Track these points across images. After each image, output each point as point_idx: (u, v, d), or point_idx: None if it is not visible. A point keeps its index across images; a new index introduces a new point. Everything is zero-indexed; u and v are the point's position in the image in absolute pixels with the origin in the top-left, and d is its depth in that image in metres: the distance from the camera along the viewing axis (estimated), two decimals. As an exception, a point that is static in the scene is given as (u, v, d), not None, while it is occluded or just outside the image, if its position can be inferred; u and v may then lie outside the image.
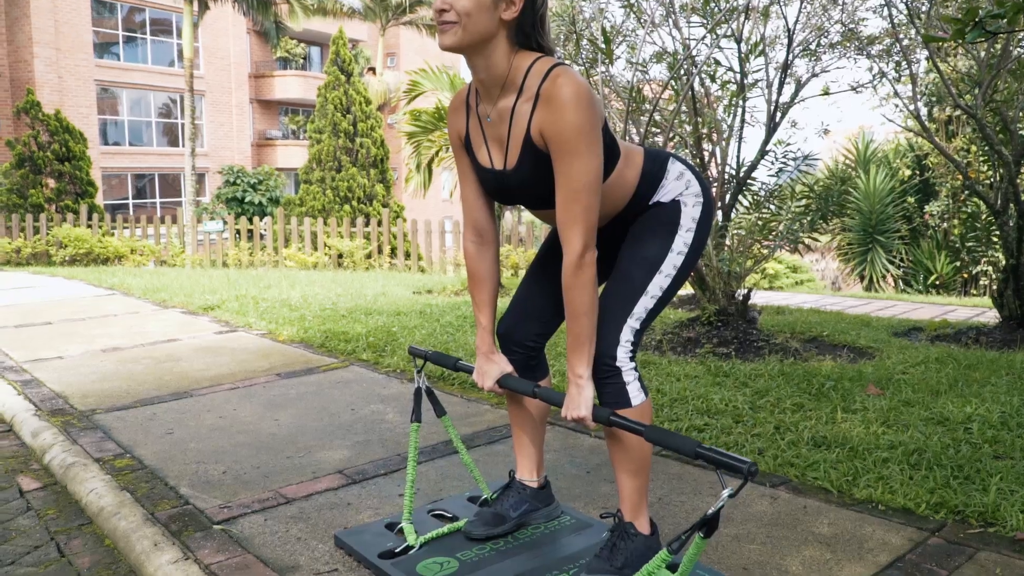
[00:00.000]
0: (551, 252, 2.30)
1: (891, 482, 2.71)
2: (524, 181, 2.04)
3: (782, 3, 6.40)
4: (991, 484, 2.65)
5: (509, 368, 2.27)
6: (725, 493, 1.58)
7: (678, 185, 2.14)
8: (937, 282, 13.96)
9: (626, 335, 2.05)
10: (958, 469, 2.83)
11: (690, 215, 2.13)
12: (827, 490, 2.70)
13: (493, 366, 2.26)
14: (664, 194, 2.14)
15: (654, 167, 2.14)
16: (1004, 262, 6.16)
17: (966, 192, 12.88)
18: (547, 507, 2.43)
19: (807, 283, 20.38)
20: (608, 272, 2.25)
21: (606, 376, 2.07)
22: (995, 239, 6.44)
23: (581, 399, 1.99)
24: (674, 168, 2.15)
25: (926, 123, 10.18)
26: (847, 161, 15.49)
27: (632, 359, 2.06)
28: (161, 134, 29.09)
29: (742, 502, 2.60)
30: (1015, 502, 2.52)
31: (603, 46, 6.02)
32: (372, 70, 32.19)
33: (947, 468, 2.83)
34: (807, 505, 2.59)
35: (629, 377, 2.06)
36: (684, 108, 6.46)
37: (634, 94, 5.97)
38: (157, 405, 3.89)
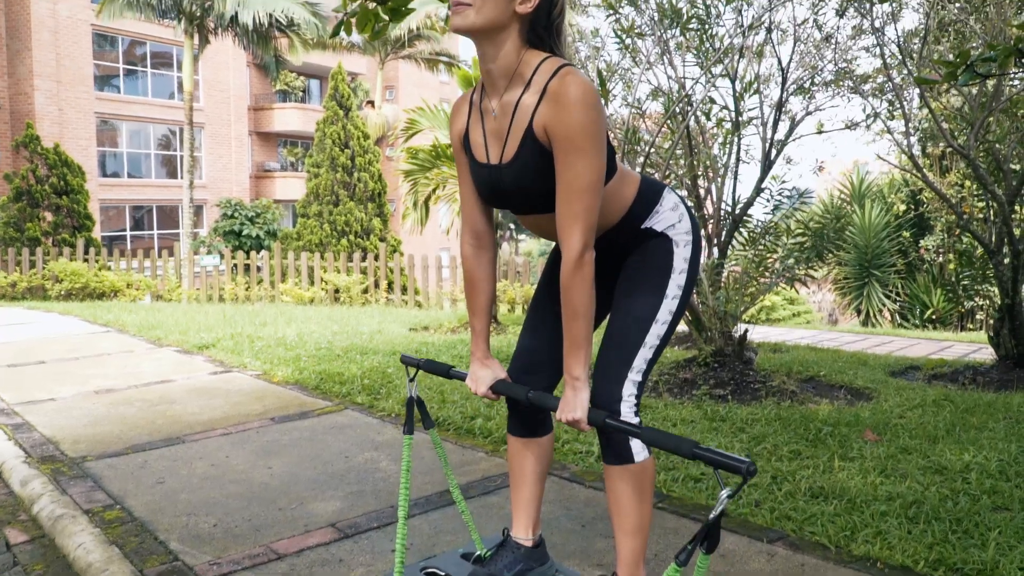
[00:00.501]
0: (547, 300, 2.28)
1: (889, 537, 2.68)
2: (519, 177, 2.01)
3: (775, 43, 6.46)
4: (990, 539, 2.62)
5: (503, 374, 2.24)
6: (724, 494, 1.55)
7: (672, 216, 2.13)
8: (933, 316, 13.96)
9: (629, 389, 2.04)
10: (956, 523, 2.80)
11: (682, 256, 2.11)
12: (825, 546, 2.67)
13: (487, 371, 2.24)
14: (657, 221, 2.12)
15: (650, 192, 2.14)
16: (1000, 301, 6.16)
17: (960, 228, 12.91)
18: (542, 566, 2.39)
19: (804, 314, 20.40)
20: (602, 304, 2.22)
21: (610, 431, 2.05)
22: (990, 275, 6.43)
23: (577, 401, 1.96)
24: (670, 198, 2.15)
25: (919, 161, 10.20)
26: (842, 195, 15.55)
27: (636, 414, 2.05)
28: (160, 165, 29.19)
29: (739, 559, 2.57)
30: (1014, 558, 2.49)
31: (599, 86, 6.05)
32: (371, 103, 32.38)
33: (945, 522, 2.80)
34: (805, 563, 2.55)
35: None
36: (680, 146, 6.50)
37: (630, 135, 5.99)
38: (149, 452, 3.86)
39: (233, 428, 4.28)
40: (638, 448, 2.04)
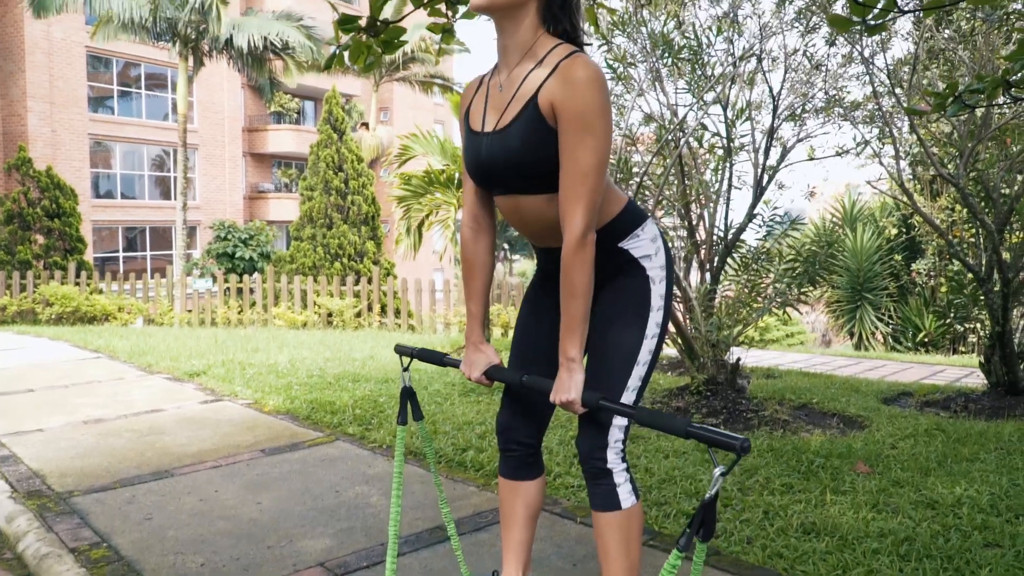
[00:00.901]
0: (527, 343, 2.28)
1: (881, 576, 2.67)
2: (506, 142, 2.00)
3: (765, 71, 6.49)
4: (982, 579, 2.61)
5: (497, 359, 2.24)
6: (717, 472, 1.55)
7: (649, 246, 2.11)
8: (926, 339, 13.99)
9: (615, 435, 2.03)
10: (948, 560, 2.79)
11: (659, 292, 2.10)
12: (816, 585, 2.66)
13: (481, 356, 2.24)
14: (634, 246, 2.10)
15: (634, 214, 2.13)
16: (990, 328, 6.17)
17: (951, 255, 12.98)
18: (531, 609, 2.38)
19: (798, 335, 20.42)
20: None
21: (596, 477, 2.04)
22: (981, 302, 6.45)
23: (572, 382, 1.96)
24: (651, 228, 2.14)
25: (910, 186, 10.24)
26: (834, 218, 15.61)
27: (623, 459, 2.04)
28: (154, 186, 29.21)
29: (729, 600, 2.56)
30: (1006, 599, 2.48)
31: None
32: (365, 125, 32.52)
33: (937, 559, 2.79)
34: (795, 603, 2.54)
35: (620, 479, 2.04)
36: (672, 172, 6.52)
37: (622, 163, 6.01)
38: (137, 486, 3.83)
39: (223, 460, 4.26)
40: (625, 494, 2.03)
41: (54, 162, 24.02)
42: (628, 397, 2.05)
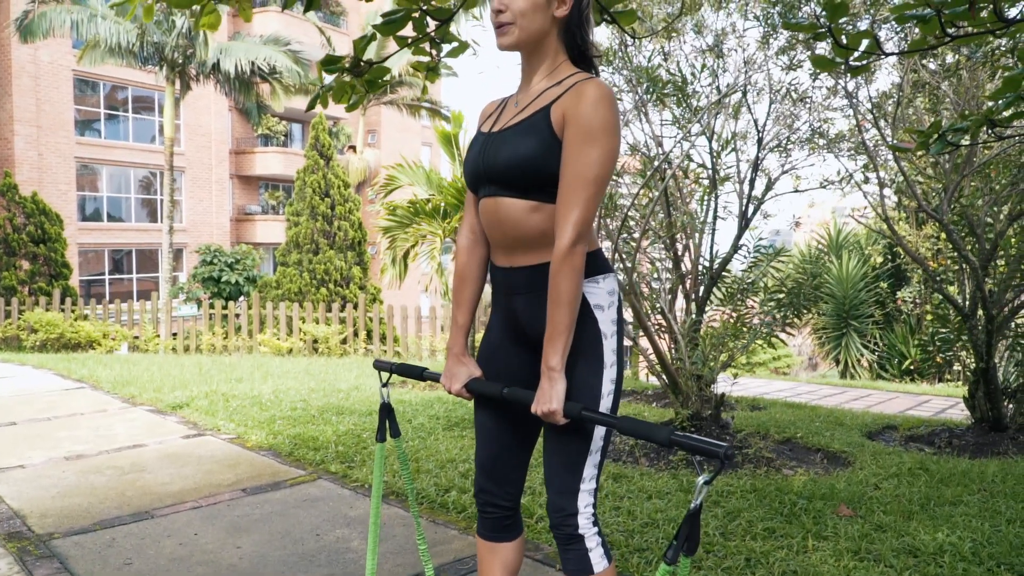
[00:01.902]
0: (496, 404, 2.25)
1: (862, 629, 2.67)
2: (509, 141, 2.03)
3: (749, 104, 6.54)
4: (962, 631, 2.61)
5: (478, 371, 2.22)
6: (700, 480, 1.56)
7: (605, 297, 2.08)
8: (911, 367, 14.05)
9: (584, 500, 2.02)
10: (929, 611, 2.79)
11: (610, 347, 2.07)
12: (797, 639, 2.65)
13: (462, 368, 2.22)
14: (591, 291, 2.06)
15: (599, 263, 2.10)
16: (975, 364, 6.20)
17: (935, 291, 13.08)
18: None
19: (784, 358, 20.48)
20: (529, 380, 2.18)
21: (568, 543, 2.03)
22: (964, 338, 6.48)
23: (553, 392, 1.93)
24: (611, 282, 2.10)
25: (893, 220, 10.31)
26: (820, 246, 15.70)
27: (594, 523, 2.03)
28: (140, 208, 29.11)
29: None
30: (986, 654, 2.48)
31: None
32: (352, 148, 32.56)
33: (918, 610, 2.79)
34: (776, 658, 2.53)
35: (592, 543, 2.02)
36: (658, 204, 6.54)
37: (606, 199, 6.04)
38: (117, 528, 3.79)
39: (204, 500, 4.22)
40: (597, 558, 2.02)
41: (41, 185, 23.96)
42: (593, 460, 2.04)
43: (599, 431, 2.05)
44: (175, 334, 14.66)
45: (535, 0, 1.99)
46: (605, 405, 2.05)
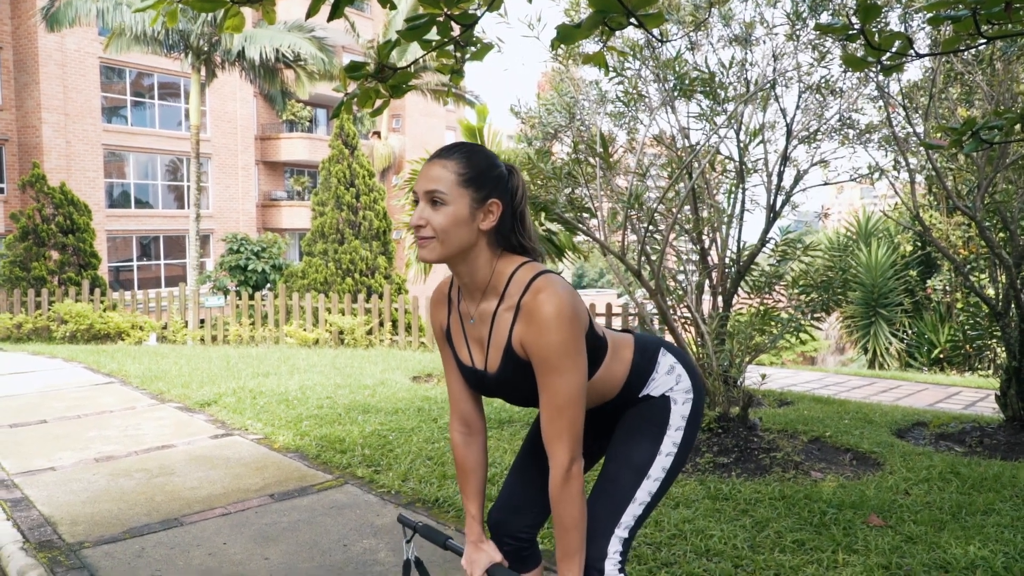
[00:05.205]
0: (537, 441, 2.26)
1: (893, 654, 2.64)
2: (506, 384, 2.01)
3: (777, 97, 6.43)
4: (997, 658, 2.57)
5: (499, 557, 2.20)
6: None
7: (668, 380, 2.11)
8: (941, 356, 13.89)
9: (614, 546, 2.01)
10: (962, 634, 2.75)
11: (680, 413, 2.09)
12: (827, 664, 2.62)
13: (482, 554, 2.20)
14: (654, 388, 2.11)
15: (643, 360, 2.11)
16: (1006, 363, 6.10)
17: (967, 290, 12.92)
18: None
19: (811, 341, 20.33)
20: (596, 456, 2.21)
21: None
22: (997, 335, 6.39)
23: None
24: (665, 361, 2.12)
25: (922, 212, 10.14)
26: (848, 233, 15.52)
27: (622, 570, 2.01)
28: (167, 194, 29.33)
29: None
30: None
31: (600, 150, 6.05)
32: (377, 134, 32.58)
33: (951, 633, 2.75)
34: None
35: None
36: (686, 201, 6.47)
37: (632, 199, 5.98)
38: (147, 536, 3.83)
39: (232, 507, 4.25)
40: None
41: (69, 172, 24.19)
42: (634, 510, 2.03)
43: (648, 484, 2.04)
44: (203, 321, 14.77)
45: (456, 216, 1.86)
46: (663, 464, 2.07)
